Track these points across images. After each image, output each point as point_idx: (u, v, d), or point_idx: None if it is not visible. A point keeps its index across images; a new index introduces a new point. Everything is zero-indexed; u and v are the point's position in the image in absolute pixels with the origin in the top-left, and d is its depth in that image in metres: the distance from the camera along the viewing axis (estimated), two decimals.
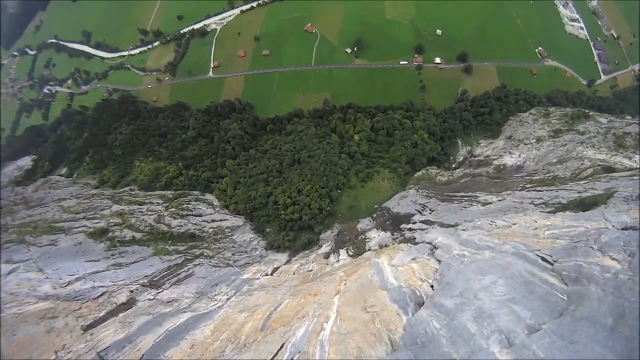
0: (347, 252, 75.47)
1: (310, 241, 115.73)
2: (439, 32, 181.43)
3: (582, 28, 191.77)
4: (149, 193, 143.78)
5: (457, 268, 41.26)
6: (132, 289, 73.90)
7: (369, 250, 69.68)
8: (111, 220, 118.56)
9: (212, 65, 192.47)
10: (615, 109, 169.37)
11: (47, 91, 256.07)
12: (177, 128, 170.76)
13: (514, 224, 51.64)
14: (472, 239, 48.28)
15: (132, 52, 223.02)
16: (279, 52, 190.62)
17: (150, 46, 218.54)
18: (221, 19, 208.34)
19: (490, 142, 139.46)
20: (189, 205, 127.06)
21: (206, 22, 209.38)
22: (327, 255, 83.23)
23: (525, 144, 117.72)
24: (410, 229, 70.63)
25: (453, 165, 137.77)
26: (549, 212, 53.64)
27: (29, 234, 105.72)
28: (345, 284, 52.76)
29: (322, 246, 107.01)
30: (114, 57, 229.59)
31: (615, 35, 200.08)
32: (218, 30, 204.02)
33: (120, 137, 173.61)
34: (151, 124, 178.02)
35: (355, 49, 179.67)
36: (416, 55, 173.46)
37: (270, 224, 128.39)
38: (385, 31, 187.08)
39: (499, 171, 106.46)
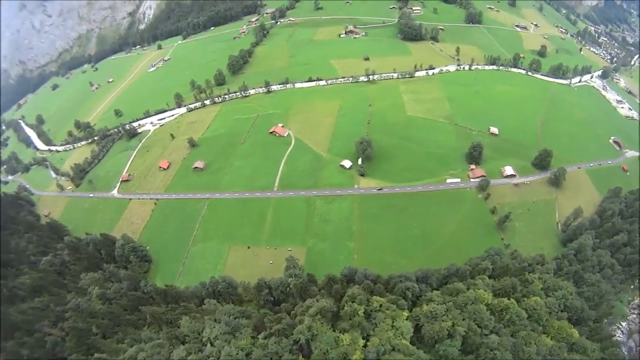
0: None
1: None
2: (494, 130, 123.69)
3: (630, 108, 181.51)
4: None
5: None
6: None
7: None
8: None
9: (120, 179, 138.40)
10: None
11: None
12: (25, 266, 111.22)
13: None
14: None
15: (60, 148, 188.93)
16: (220, 166, 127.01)
17: (77, 144, 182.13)
18: (160, 119, 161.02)
19: None
20: None
21: (142, 121, 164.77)
22: None
23: None
24: None
25: None
26: None
27: None
28: None
29: None
30: (43, 150, 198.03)
31: None
32: (150, 132, 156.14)
33: None
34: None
35: (360, 162, 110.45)
36: (472, 167, 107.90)
37: None
38: (409, 134, 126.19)
39: None
